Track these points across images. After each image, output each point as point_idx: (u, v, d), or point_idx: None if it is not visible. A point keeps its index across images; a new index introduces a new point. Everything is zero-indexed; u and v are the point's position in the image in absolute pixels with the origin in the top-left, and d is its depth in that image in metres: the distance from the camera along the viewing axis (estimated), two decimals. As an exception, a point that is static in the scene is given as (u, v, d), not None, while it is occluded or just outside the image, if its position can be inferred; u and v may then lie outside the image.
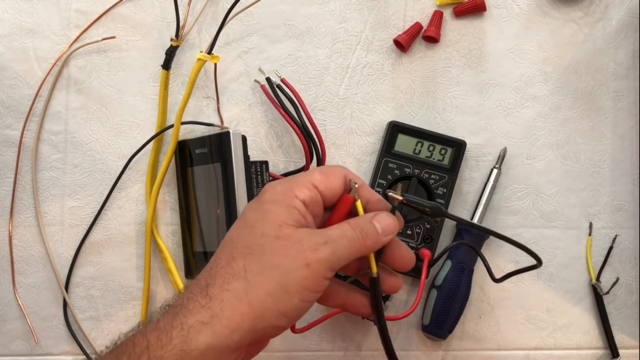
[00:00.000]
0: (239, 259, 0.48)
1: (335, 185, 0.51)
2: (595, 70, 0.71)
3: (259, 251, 0.48)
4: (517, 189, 0.71)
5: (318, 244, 0.48)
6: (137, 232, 0.70)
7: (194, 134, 0.69)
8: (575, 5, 0.71)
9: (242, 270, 0.47)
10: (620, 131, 0.71)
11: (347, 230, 0.50)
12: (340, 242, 0.49)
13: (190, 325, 0.46)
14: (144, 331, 0.48)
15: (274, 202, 0.49)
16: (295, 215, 0.49)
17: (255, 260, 0.48)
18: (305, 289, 0.47)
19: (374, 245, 0.51)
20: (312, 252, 0.47)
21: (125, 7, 0.70)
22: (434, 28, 0.70)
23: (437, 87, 0.71)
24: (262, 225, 0.49)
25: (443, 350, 0.70)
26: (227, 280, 0.47)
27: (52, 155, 0.69)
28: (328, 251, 0.48)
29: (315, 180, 0.51)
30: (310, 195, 0.50)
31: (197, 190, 0.67)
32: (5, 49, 0.69)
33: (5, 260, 0.69)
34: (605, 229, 0.71)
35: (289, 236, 0.48)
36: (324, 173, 0.51)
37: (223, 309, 0.46)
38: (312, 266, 0.47)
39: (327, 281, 0.49)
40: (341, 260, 0.49)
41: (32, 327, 0.69)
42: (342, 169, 0.52)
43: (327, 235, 0.49)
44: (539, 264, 0.54)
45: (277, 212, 0.49)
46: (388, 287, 0.54)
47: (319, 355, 0.70)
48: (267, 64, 0.70)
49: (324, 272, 0.48)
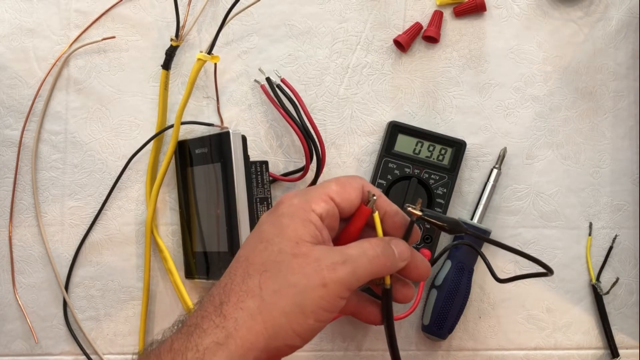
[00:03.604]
0: (255, 276, 0.47)
1: (353, 196, 0.50)
2: (595, 70, 0.71)
3: (276, 269, 0.47)
4: (517, 189, 0.71)
5: (336, 263, 0.47)
6: (137, 232, 0.70)
7: (194, 134, 0.69)
8: (575, 5, 0.71)
9: (258, 288, 0.47)
10: (620, 131, 0.71)
11: (368, 249, 0.49)
12: (359, 261, 0.48)
13: (206, 347, 0.45)
14: (157, 352, 0.47)
15: (291, 216, 0.48)
16: (312, 230, 0.48)
17: (271, 278, 0.47)
18: (321, 309, 0.46)
19: (392, 268, 0.50)
20: (330, 271, 0.46)
21: (125, 7, 0.70)
22: (434, 28, 0.70)
23: (437, 87, 0.71)
24: (279, 241, 0.48)
25: (443, 350, 0.70)
26: (242, 298, 0.46)
27: (52, 155, 0.69)
28: (347, 271, 0.47)
29: (332, 192, 0.50)
30: (327, 208, 0.49)
31: (197, 190, 0.67)
32: (5, 49, 0.69)
33: (5, 260, 0.69)
34: (605, 229, 0.71)
35: (306, 254, 0.47)
36: (340, 184, 0.50)
37: (237, 328, 0.46)
38: (329, 286, 0.46)
39: (344, 301, 0.47)
40: (360, 280, 0.48)
41: (32, 327, 0.69)
42: (360, 180, 0.51)
43: (346, 254, 0.48)
44: (550, 273, 0.53)
45: (293, 228, 0.48)
46: (401, 297, 0.53)
47: (319, 355, 0.70)
48: (267, 64, 0.70)
49: (341, 293, 0.47)
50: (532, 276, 0.55)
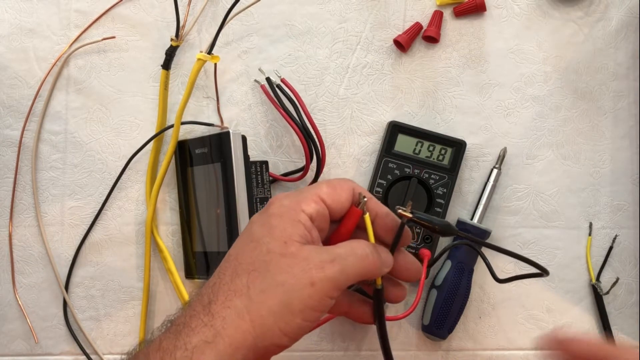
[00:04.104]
0: (243, 275, 0.47)
1: (343, 198, 0.50)
2: (595, 70, 0.71)
3: (264, 268, 0.47)
4: (517, 189, 0.71)
5: (324, 261, 0.47)
6: (137, 232, 0.70)
7: (194, 134, 0.69)
8: (575, 5, 0.71)
9: (245, 287, 0.47)
10: (620, 131, 0.71)
11: (356, 248, 0.49)
12: (348, 260, 0.48)
13: (194, 345, 0.45)
14: (146, 352, 0.47)
15: (280, 216, 0.48)
16: (301, 230, 0.48)
17: (259, 278, 0.47)
18: (309, 308, 0.46)
19: (379, 270, 0.50)
20: (318, 270, 0.46)
21: (125, 7, 0.70)
22: (434, 28, 0.70)
23: (437, 87, 0.71)
24: (268, 241, 0.48)
25: (443, 350, 0.70)
26: (230, 297, 0.47)
27: (52, 155, 0.69)
28: (335, 269, 0.47)
29: (322, 194, 0.50)
30: (317, 209, 0.49)
31: (197, 190, 0.67)
32: (5, 49, 0.69)
33: (5, 260, 0.69)
34: (605, 229, 0.71)
35: (294, 254, 0.47)
36: (331, 186, 0.51)
37: (225, 327, 0.46)
38: (317, 285, 0.46)
39: (333, 301, 0.47)
40: (349, 279, 0.48)
41: (32, 327, 0.69)
42: (350, 182, 0.52)
43: (334, 253, 0.48)
44: (545, 274, 0.53)
45: (282, 227, 0.48)
46: (392, 297, 0.53)
47: (318, 355, 0.70)
48: (267, 64, 0.70)
49: (329, 292, 0.47)
50: (529, 276, 0.55)
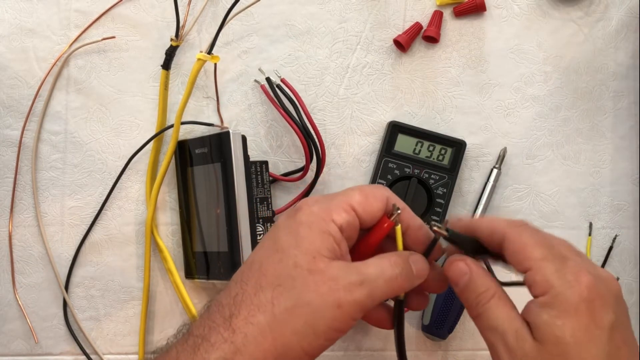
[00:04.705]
0: (268, 289, 0.46)
1: (375, 208, 0.48)
2: (595, 70, 0.71)
3: (290, 284, 0.45)
4: (517, 189, 0.71)
5: (353, 284, 0.45)
6: (137, 232, 0.70)
7: (194, 134, 0.69)
8: (575, 5, 0.71)
9: (270, 304, 0.45)
10: (620, 131, 0.71)
11: (387, 269, 0.47)
12: (377, 283, 0.46)
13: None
14: None
15: (309, 226, 0.46)
16: (330, 244, 0.46)
17: (284, 294, 0.45)
18: (332, 330, 0.45)
19: (409, 287, 0.48)
20: (346, 292, 0.45)
21: (125, 7, 0.70)
22: (434, 28, 0.70)
23: (437, 87, 0.71)
24: (295, 254, 0.46)
25: (443, 350, 0.70)
26: (253, 312, 0.45)
27: (52, 155, 0.69)
28: (364, 293, 0.45)
29: (354, 202, 0.48)
30: (348, 219, 0.47)
31: (197, 190, 0.67)
32: (5, 49, 0.69)
33: (5, 260, 0.69)
34: (605, 229, 0.71)
35: (322, 271, 0.45)
36: (364, 194, 0.48)
37: (246, 344, 0.45)
38: (344, 307, 0.45)
39: (355, 322, 0.46)
40: (375, 302, 0.46)
41: (32, 327, 0.69)
42: (384, 190, 0.50)
43: (363, 274, 0.46)
44: None
45: (311, 240, 0.46)
46: (414, 305, 0.52)
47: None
48: (267, 64, 0.70)
49: (354, 314, 0.45)
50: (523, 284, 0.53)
